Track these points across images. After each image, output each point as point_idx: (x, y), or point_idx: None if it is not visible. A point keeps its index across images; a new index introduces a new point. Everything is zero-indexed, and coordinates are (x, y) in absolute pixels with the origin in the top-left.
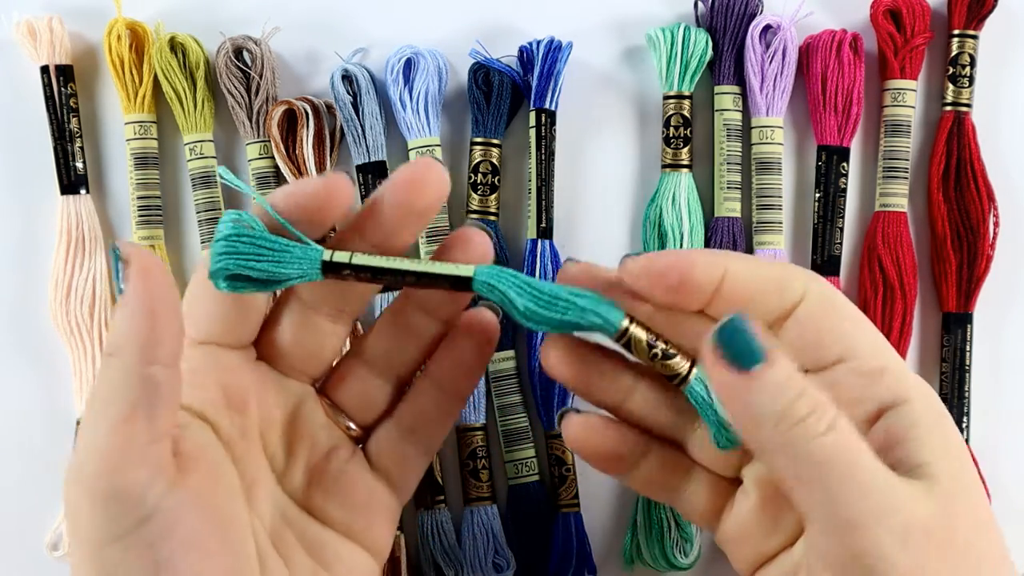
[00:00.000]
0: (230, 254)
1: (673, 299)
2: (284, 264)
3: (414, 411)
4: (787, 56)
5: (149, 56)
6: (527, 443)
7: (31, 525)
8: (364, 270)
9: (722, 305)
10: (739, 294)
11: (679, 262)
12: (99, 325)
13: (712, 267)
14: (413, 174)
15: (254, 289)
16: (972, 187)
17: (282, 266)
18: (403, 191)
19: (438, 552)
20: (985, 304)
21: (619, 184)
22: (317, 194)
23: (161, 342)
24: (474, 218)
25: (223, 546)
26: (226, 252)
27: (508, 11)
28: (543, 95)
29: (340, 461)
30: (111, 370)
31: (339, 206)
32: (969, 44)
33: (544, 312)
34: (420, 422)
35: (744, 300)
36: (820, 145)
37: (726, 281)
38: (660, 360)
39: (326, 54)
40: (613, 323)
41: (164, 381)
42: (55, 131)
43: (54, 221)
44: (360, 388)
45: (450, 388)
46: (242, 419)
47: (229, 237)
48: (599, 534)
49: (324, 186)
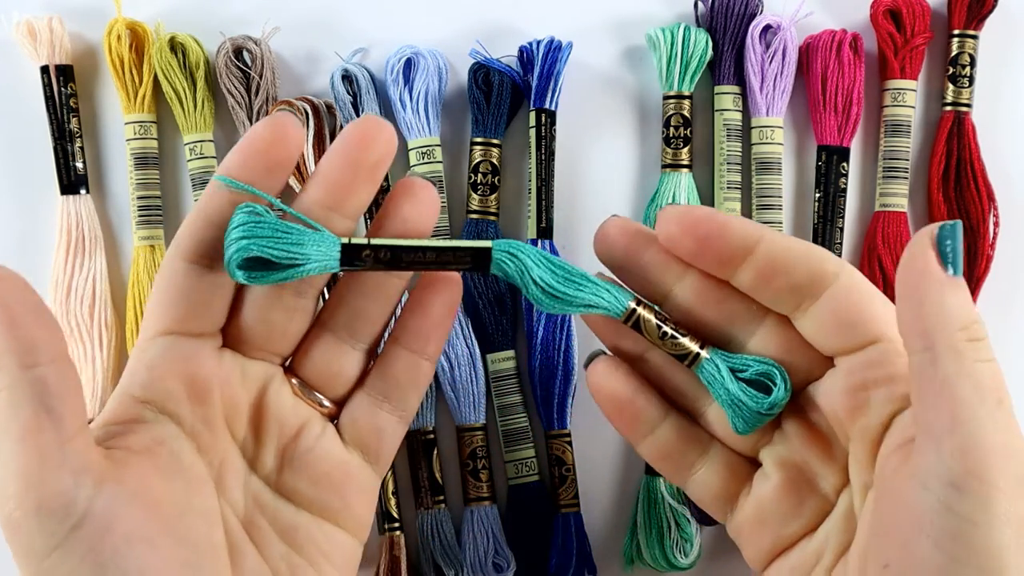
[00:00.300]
0: (249, 237)
1: (700, 250)
2: (305, 246)
3: (385, 377)
4: (787, 56)
5: (149, 56)
6: (527, 443)
7: None
8: (383, 250)
9: (751, 273)
10: (772, 262)
11: (716, 216)
12: (99, 325)
13: (749, 228)
14: (363, 129)
15: (271, 279)
16: (972, 187)
17: (303, 247)
18: (354, 146)
19: (438, 552)
20: (985, 304)
21: (619, 184)
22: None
23: (34, 343)
24: (474, 218)
25: (174, 539)
26: (245, 236)
27: (508, 11)
28: (543, 95)
29: (311, 439)
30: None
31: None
32: (969, 44)
33: (559, 286)
34: (392, 388)
35: (777, 270)
36: (820, 145)
37: (760, 247)
38: (670, 339)
39: (326, 54)
40: (622, 302)
41: (53, 379)
42: (55, 131)
43: (54, 221)
44: (328, 360)
45: (419, 347)
46: (205, 409)
47: (246, 222)
48: (599, 534)
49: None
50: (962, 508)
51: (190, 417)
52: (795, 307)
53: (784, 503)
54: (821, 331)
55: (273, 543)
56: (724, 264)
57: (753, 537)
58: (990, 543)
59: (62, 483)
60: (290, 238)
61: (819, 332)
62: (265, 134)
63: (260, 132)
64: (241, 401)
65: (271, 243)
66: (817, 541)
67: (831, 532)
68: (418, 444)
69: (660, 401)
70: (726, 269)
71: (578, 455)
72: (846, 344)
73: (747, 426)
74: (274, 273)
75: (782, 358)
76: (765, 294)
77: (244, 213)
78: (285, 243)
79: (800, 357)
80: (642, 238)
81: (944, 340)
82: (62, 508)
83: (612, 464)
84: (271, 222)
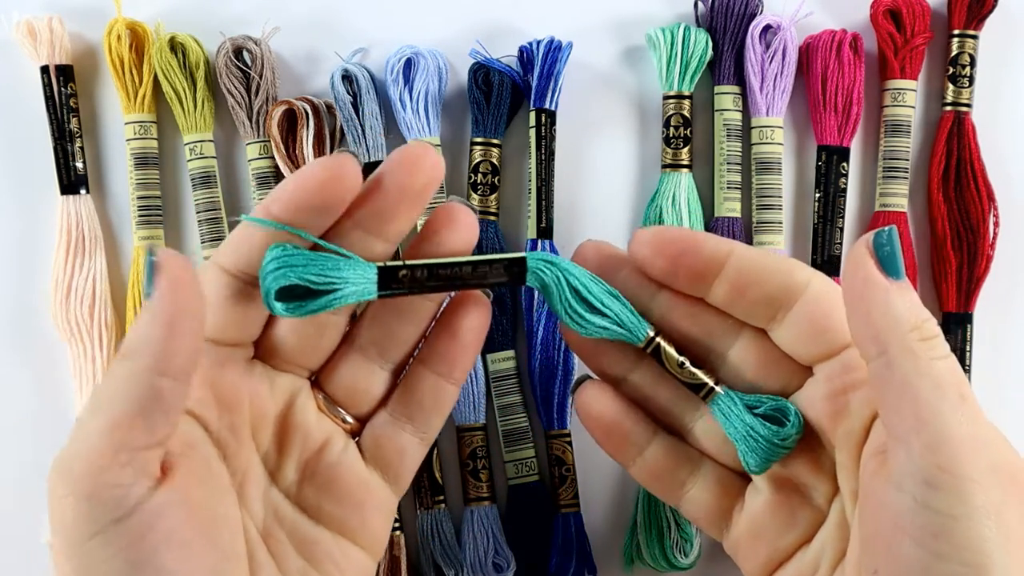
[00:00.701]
0: (284, 267)
1: (673, 269)
2: (341, 270)
3: (409, 399)
4: (787, 56)
5: (149, 56)
6: (527, 443)
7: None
8: (419, 269)
9: (724, 287)
10: (744, 275)
11: (687, 233)
12: (99, 325)
13: (719, 243)
14: (410, 154)
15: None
16: (972, 187)
17: (340, 271)
18: (400, 171)
19: (438, 552)
20: (985, 304)
21: (619, 184)
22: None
23: (176, 354)
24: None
25: (207, 544)
26: (280, 266)
27: (508, 11)
28: (543, 95)
29: (334, 455)
30: (121, 371)
31: (350, 189)
32: (969, 44)
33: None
34: (416, 410)
35: (749, 282)
36: (820, 145)
37: (732, 260)
38: (688, 369)
39: (326, 54)
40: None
41: (170, 394)
42: (55, 131)
43: (54, 221)
44: (355, 377)
45: (445, 371)
46: (233, 417)
47: (281, 255)
48: (599, 534)
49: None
50: (939, 504)
51: (217, 424)
52: (770, 319)
53: (777, 516)
54: (797, 340)
55: (291, 556)
56: (698, 280)
57: (750, 552)
58: (971, 535)
59: (123, 478)
60: (326, 264)
61: (795, 341)
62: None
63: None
64: (268, 412)
65: (307, 270)
66: (813, 552)
67: (826, 541)
68: None
69: (647, 421)
70: (700, 285)
71: (578, 455)
72: (822, 351)
73: (760, 461)
74: (311, 302)
75: (760, 371)
76: (739, 307)
77: (278, 248)
78: (321, 269)
79: (779, 369)
80: (616, 260)
81: (897, 343)
82: (115, 500)
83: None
84: (305, 253)
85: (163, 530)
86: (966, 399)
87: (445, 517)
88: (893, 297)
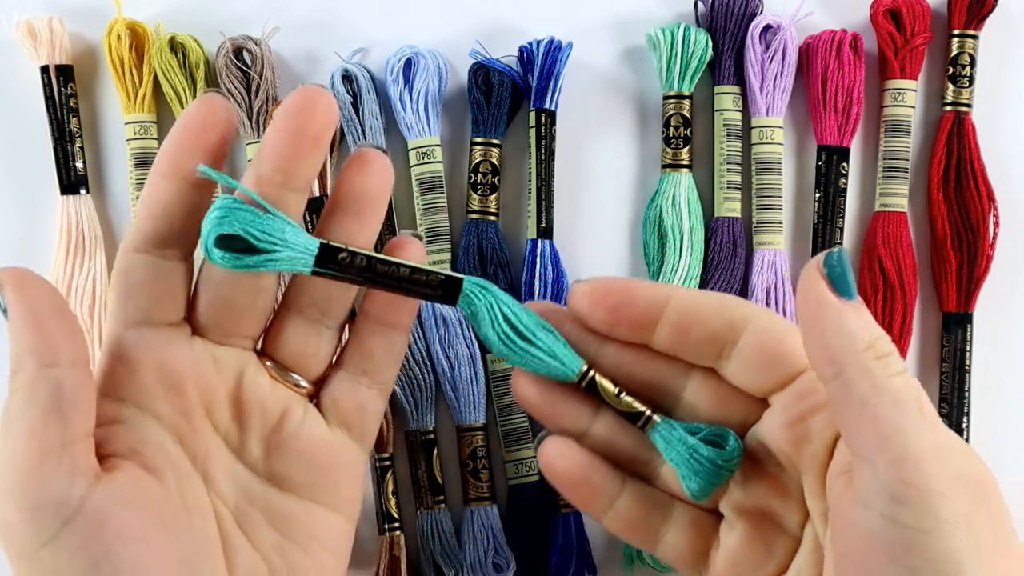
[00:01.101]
0: (231, 216)
1: (614, 320)
2: (284, 232)
3: (361, 353)
4: (787, 56)
5: (149, 56)
6: (527, 443)
7: None
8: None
9: (666, 331)
10: (685, 316)
11: (622, 284)
12: (99, 325)
13: (655, 290)
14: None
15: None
16: (972, 187)
17: (283, 233)
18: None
19: (438, 552)
20: (985, 304)
21: (619, 184)
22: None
23: (55, 344)
24: (474, 218)
25: (168, 534)
26: (224, 215)
27: (508, 11)
28: (543, 95)
29: (295, 423)
30: (16, 385)
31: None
32: (969, 44)
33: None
34: (369, 362)
35: (691, 324)
36: (820, 145)
37: (671, 304)
38: (625, 398)
39: (326, 54)
40: (577, 361)
41: (69, 381)
42: (55, 131)
43: (54, 221)
44: (301, 341)
45: (391, 320)
46: (181, 400)
47: (227, 204)
48: (599, 534)
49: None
50: (908, 519)
51: (168, 410)
52: (717, 356)
53: (753, 549)
54: (747, 373)
55: (264, 532)
56: (639, 329)
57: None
58: (942, 548)
59: (57, 482)
60: (272, 224)
61: (745, 375)
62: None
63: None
64: (218, 389)
65: (252, 225)
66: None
67: (802, 567)
68: (418, 444)
69: (614, 471)
70: (642, 333)
71: None
72: (773, 381)
73: (704, 484)
74: (247, 257)
75: (716, 408)
76: (684, 349)
77: (226, 198)
78: (266, 227)
79: (734, 405)
80: (559, 315)
81: (852, 362)
82: (54, 505)
83: None
84: (253, 209)
85: (114, 526)
86: (925, 412)
87: (445, 517)
88: (846, 317)
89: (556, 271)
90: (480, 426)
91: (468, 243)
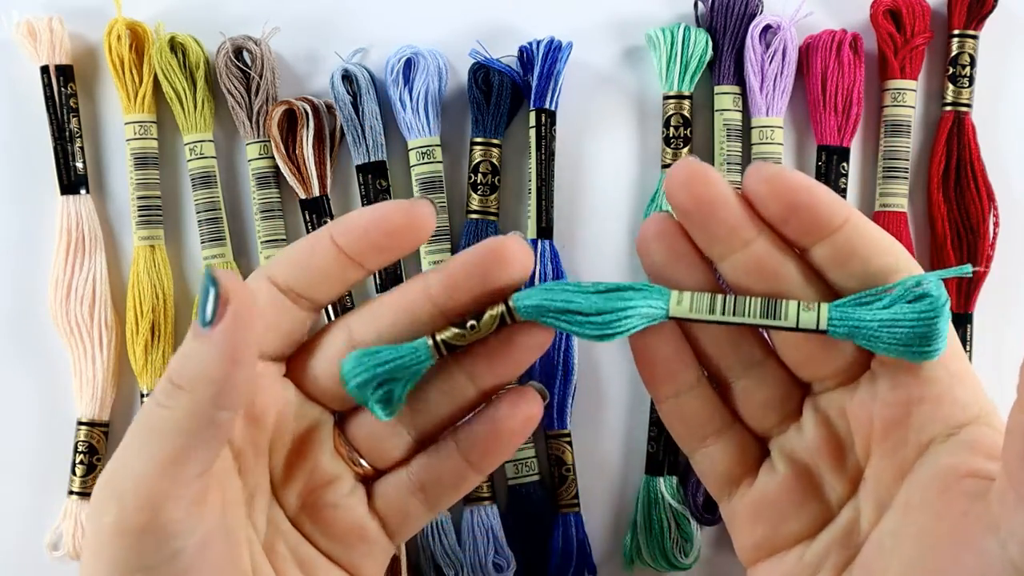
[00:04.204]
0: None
1: (785, 216)
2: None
3: (430, 470)
4: (787, 56)
5: (149, 56)
6: (527, 443)
7: (31, 525)
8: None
9: (828, 251)
10: (853, 245)
11: (807, 184)
12: (99, 325)
13: (838, 207)
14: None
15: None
16: (972, 187)
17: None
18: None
19: (438, 552)
20: (985, 304)
21: (619, 184)
22: (397, 227)
23: (236, 388)
24: (474, 219)
25: (233, 567)
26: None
27: (508, 11)
28: (543, 95)
29: (338, 495)
30: (177, 403)
31: (421, 237)
32: (969, 44)
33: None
34: (433, 482)
35: (854, 254)
36: (820, 145)
37: (845, 228)
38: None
39: (326, 54)
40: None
41: (226, 426)
42: (55, 131)
43: (54, 221)
44: (378, 431)
45: (475, 459)
46: (257, 433)
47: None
48: (599, 534)
49: (406, 218)
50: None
51: (242, 438)
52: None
53: (784, 500)
54: None
55: (292, 571)
56: (804, 236)
57: (746, 527)
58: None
59: (178, 512)
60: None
61: None
62: (399, 218)
63: (394, 213)
64: (287, 432)
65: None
66: (814, 553)
67: (832, 546)
68: None
69: (696, 367)
70: (805, 239)
71: (578, 455)
72: None
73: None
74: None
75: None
76: (835, 272)
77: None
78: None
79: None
80: (723, 189)
81: None
82: (166, 537)
83: (612, 464)
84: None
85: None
86: None
87: (445, 517)
88: None
89: (556, 271)
90: None
91: (468, 243)
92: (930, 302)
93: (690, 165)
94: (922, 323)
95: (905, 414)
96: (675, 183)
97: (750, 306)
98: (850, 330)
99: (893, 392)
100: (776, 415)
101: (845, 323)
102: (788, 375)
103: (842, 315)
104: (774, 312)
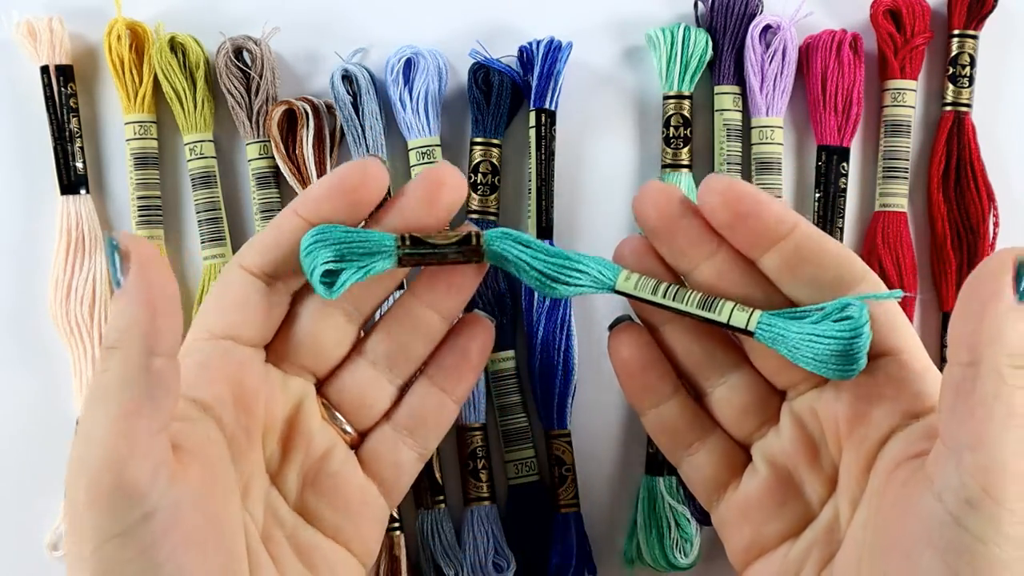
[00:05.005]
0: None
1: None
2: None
3: (412, 413)
4: (787, 56)
5: (149, 56)
6: (527, 443)
7: (31, 525)
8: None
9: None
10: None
11: (755, 195)
12: (99, 325)
13: (785, 215)
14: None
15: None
16: (972, 187)
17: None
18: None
19: (438, 552)
20: None
21: (619, 184)
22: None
23: (162, 333)
24: (474, 218)
25: (218, 545)
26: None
27: (508, 11)
28: (543, 95)
29: (336, 463)
30: (112, 362)
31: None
32: (969, 44)
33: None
34: (418, 425)
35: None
36: (820, 145)
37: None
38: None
39: (326, 54)
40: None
41: (166, 372)
42: (55, 131)
43: (54, 221)
44: (362, 388)
45: (450, 387)
46: (247, 418)
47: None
48: (599, 534)
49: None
50: (973, 524)
51: (232, 424)
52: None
53: (767, 501)
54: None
55: (289, 559)
56: (754, 245)
57: (735, 530)
58: (994, 562)
59: (144, 470)
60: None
61: None
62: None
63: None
64: (277, 416)
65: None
66: (799, 550)
67: (814, 543)
68: None
69: (672, 377)
70: (755, 250)
71: (578, 455)
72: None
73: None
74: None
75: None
76: (787, 282)
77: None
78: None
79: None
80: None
81: (990, 360)
82: (138, 495)
83: (612, 464)
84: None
85: (182, 532)
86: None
87: (445, 517)
88: (1010, 319)
89: None
90: (480, 426)
91: None
92: (850, 324)
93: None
94: (840, 342)
95: (867, 409)
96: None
97: (690, 297)
98: (775, 337)
99: (855, 389)
100: (755, 420)
101: (772, 330)
102: (763, 382)
103: (771, 322)
104: (710, 306)
